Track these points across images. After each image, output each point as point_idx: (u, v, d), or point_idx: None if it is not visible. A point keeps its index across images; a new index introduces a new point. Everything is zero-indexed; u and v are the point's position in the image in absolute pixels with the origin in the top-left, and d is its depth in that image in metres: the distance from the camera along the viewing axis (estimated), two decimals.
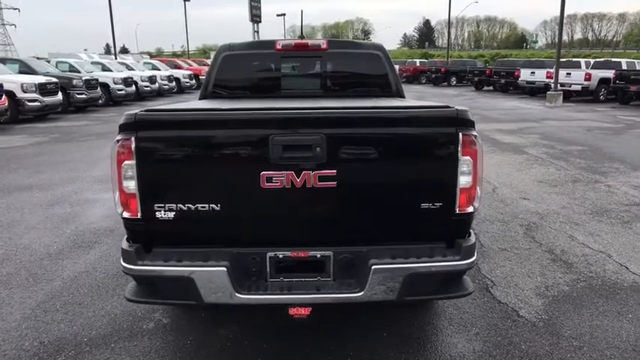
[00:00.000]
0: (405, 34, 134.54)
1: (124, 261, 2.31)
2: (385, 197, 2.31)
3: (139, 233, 2.34)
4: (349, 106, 2.48)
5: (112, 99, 17.93)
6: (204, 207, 2.26)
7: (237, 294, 2.26)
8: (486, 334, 2.97)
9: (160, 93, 22.14)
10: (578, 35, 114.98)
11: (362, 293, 2.27)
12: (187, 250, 2.32)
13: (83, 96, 15.35)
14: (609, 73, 19.86)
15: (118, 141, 2.23)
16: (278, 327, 3.02)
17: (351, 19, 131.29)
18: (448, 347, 2.83)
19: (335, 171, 2.22)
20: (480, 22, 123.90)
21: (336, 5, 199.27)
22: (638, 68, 20.73)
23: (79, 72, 17.07)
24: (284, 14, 53.98)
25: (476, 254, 2.39)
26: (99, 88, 16.57)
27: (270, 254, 2.34)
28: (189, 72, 26.42)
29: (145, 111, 2.25)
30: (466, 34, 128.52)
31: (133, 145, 2.21)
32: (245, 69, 4.05)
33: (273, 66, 4.06)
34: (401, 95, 4.07)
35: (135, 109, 2.29)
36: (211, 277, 2.25)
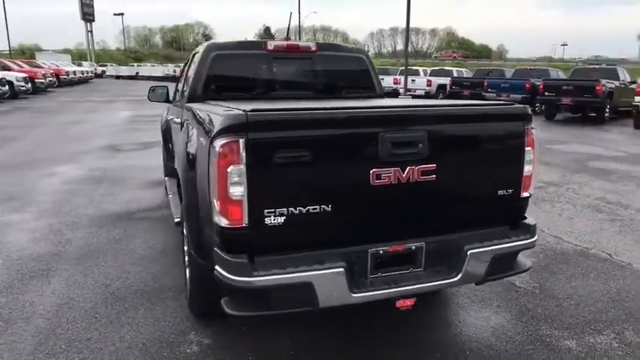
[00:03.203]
0: (245, 39, 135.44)
1: (233, 274, 2.11)
2: (473, 186, 2.53)
3: (243, 243, 2.16)
4: (445, 104, 2.63)
5: None
6: (315, 209, 2.20)
7: (352, 294, 2.25)
8: (505, 305, 3.37)
9: None
10: (399, 46, 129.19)
11: (459, 277, 2.45)
12: (296, 255, 2.22)
13: None
14: (445, 80, 23.02)
15: (222, 145, 2.05)
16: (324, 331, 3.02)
17: (190, 23, 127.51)
18: (484, 320, 3.16)
19: (434, 165, 2.35)
20: (317, 32, 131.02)
21: (181, 7, 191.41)
22: (465, 76, 24.37)
23: None
24: (122, 14, 50.20)
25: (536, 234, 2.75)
26: None
27: (371, 251, 2.37)
28: (23, 74, 22.93)
29: (252, 111, 2.09)
30: None
31: (242, 148, 2.05)
32: (237, 69, 3.86)
33: (264, 67, 3.94)
34: (382, 96, 4.30)
35: (237, 110, 2.12)
36: (330, 279, 2.20)
